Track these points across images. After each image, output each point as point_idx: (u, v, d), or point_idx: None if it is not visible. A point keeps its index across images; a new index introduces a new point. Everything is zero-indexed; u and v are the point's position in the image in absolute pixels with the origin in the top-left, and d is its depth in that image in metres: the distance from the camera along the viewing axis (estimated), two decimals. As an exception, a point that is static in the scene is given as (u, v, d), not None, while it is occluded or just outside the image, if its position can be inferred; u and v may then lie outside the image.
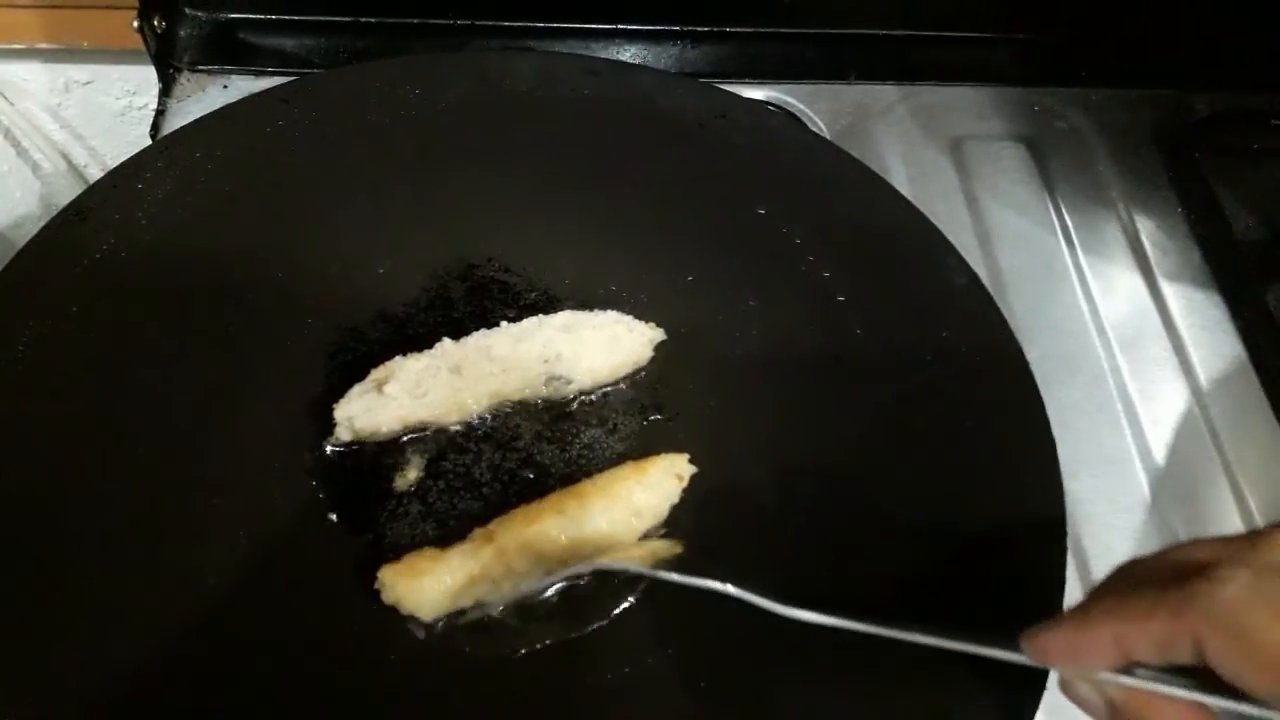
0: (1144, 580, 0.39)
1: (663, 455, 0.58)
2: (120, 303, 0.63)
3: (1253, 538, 0.38)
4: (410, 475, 0.59)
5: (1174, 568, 0.38)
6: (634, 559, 0.52)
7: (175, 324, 0.63)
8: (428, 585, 0.52)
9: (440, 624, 0.53)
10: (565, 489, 0.57)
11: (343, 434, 0.59)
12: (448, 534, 0.56)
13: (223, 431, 0.59)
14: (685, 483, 0.57)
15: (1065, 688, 0.42)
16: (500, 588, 0.53)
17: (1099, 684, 0.40)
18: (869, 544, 0.56)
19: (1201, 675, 0.37)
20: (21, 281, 0.62)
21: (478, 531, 0.55)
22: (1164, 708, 0.38)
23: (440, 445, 0.60)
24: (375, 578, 0.53)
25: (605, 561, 0.53)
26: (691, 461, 0.58)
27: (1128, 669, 0.39)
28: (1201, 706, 0.38)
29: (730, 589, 0.48)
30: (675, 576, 0.50)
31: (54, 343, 0.60)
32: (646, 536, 0.56)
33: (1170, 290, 0.79)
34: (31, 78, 1.04)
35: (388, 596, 0.52)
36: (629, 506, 0.55)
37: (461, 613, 0.53)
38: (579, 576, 0.54)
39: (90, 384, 0.60)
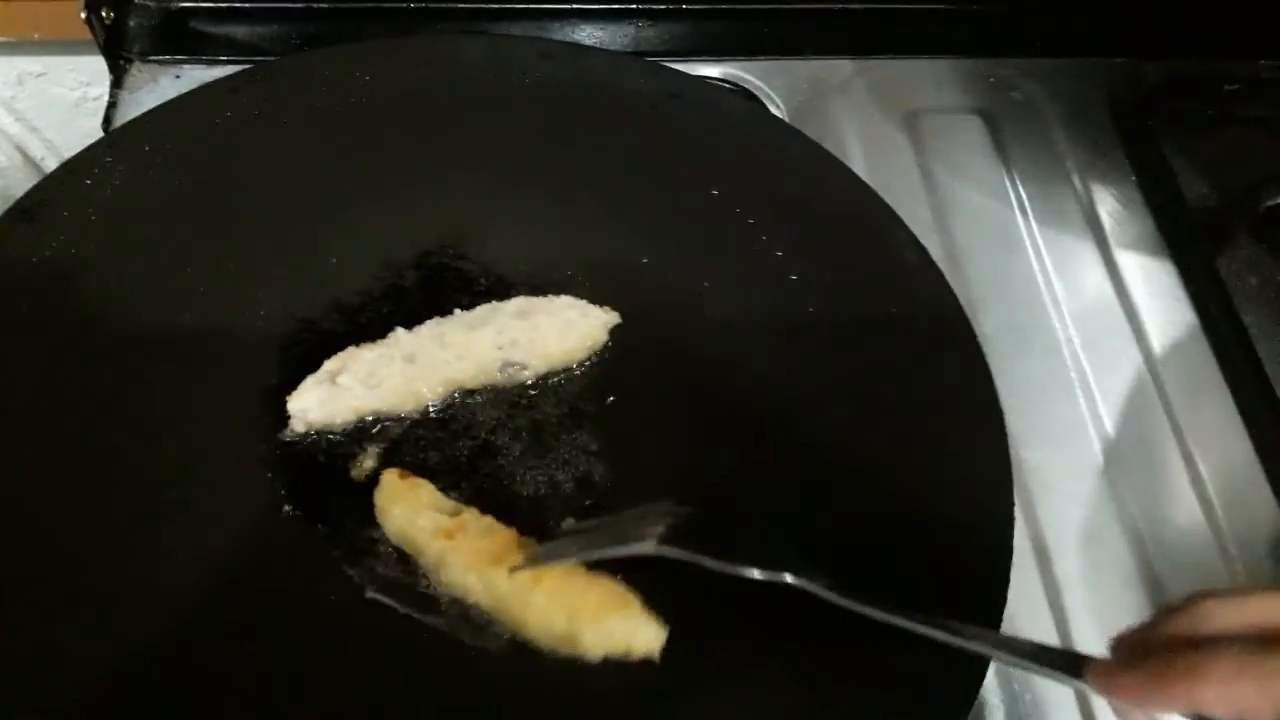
0: (1225, 631, 0.38)
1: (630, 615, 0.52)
2: (72, 300, 0.62)
3: None
4: (366, 465, 0.59)
5: (1265, 617, 0.38)
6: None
7: (127, 319, 0.62)
8: (399, 512, 0.55)
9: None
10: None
11: (297, 425, 0.59)
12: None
13: (177, 425, 0.59)
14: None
15: (1119, 712, 0.42)
16: (436, 574, 0.54)
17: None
18: (822, 516, 0.57)
19: None
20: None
21: (467, 515, 0.55)
22: None
23: (396, 434, 0.60)
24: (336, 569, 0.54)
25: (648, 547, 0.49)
26: (647, 440, 0.58)
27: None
28: None
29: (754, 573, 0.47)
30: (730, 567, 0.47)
31: (5, 343, 0.60)
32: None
33: (1125, 260, 0.80)
34: (-17, 70, 1.03)
35: (379, 493, 0.56)
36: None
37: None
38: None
39: (43, 381, 0.59)
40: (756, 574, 0.47)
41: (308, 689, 0.51)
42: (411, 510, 0.55)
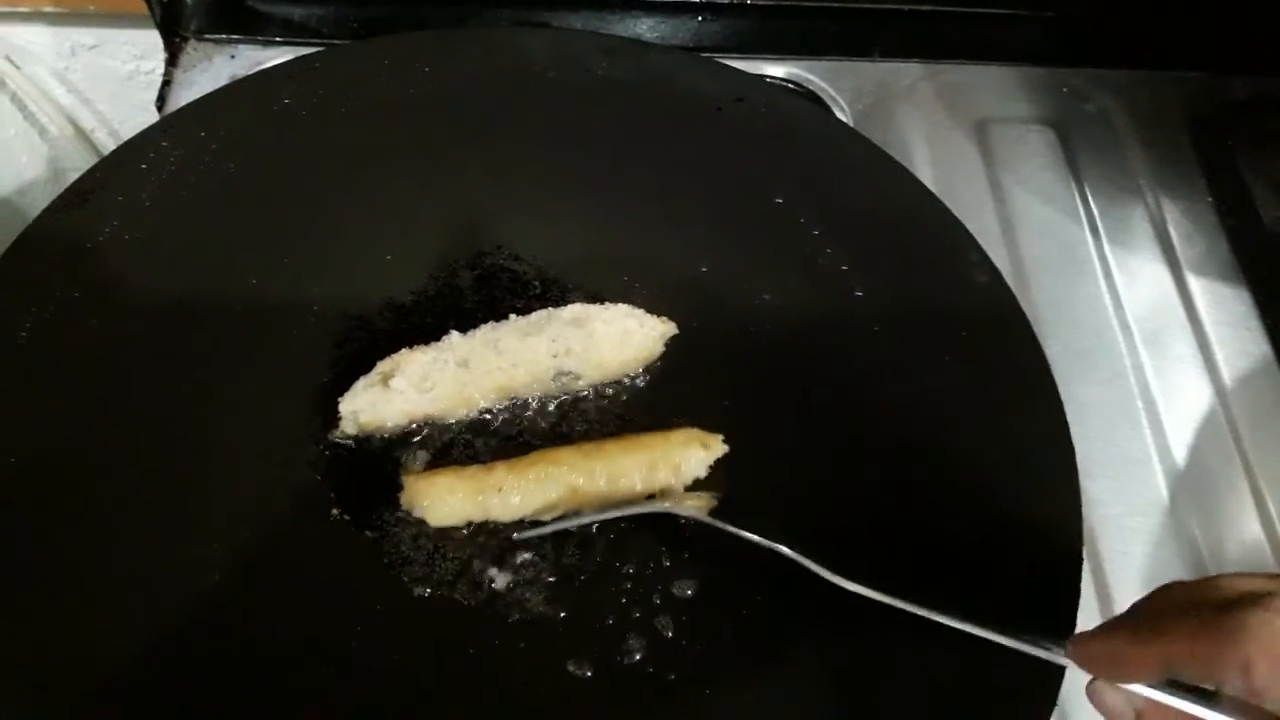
0: (1190, 603, 0.40)
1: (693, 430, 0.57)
2: (123, 287, 0.62)
3: None
4: (415, 470, 0.58)
5: (1221, 594, 0.39)
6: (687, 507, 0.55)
7: (178, 310, 0.62)
8: (439, 494, 0.54)
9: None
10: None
11: (348, 427, 0.58)
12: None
13: (226, 422, 0.58)
14: (709, 450, 0.57)
15: (1094, 694, 0.43)
16: (506, 501, 0.55)
17: (1130, 694, 0.42)
18: (884, 544, 0.55)
19: (1230, 703, 0.39)
20: (24, 266, 0.61)
21: (498, 464, 0.56)
22: None
23: (446, 439, 0.59)
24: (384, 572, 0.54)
25: (664, 505, 0.55)
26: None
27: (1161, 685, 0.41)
28: None
29: (785, 550, 0.51)
30: (732, 529, 0.52)
31: (56, 328, 0.59)
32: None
33: (1196, 284, 0.77)
34: (38, 41, 1.02)
35: (405, 496, 0.55)
36: (648, 453, 0.56)
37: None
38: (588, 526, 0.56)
39: (92, 371, 0.59)
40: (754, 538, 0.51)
41: (350, 691, 0.51)
42: (449, 489, 0.55)
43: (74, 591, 0.52)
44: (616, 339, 0.61)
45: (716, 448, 0.57)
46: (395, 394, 0.58)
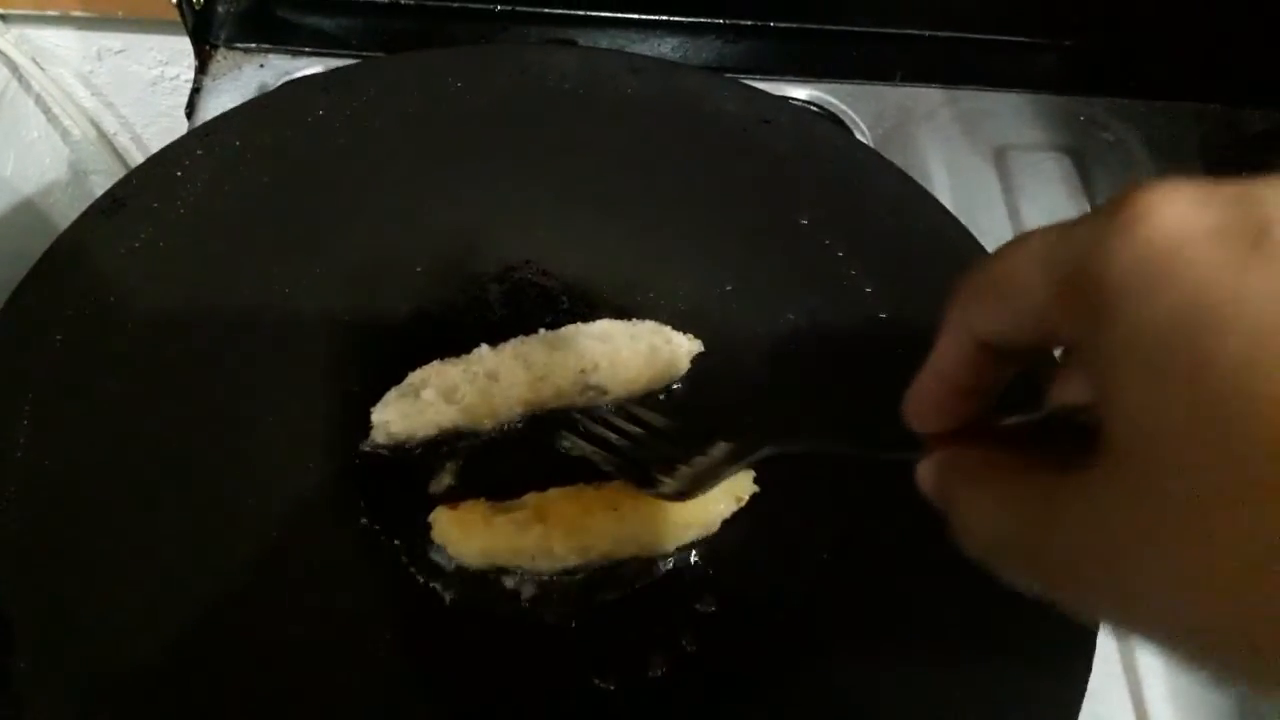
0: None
1: None
2: (156, 294, 0.62)
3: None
4: (444, 481, 0.59)
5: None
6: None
7: (211, 317, 0.62)
8: (474, 538, 0.55)
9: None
10: (624, 484, 0.57)
11: (378, 436, 0.59)
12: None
13: (256, 430, 0.59)
14: (744, 503, 0.57)
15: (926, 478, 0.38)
16: (536, 563, 0.55)
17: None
18: (910, 570, 0.55)
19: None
20: (58, 272, 0.61)
21: (530, 500, 0.57)
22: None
23: (474, 450, 0.60)
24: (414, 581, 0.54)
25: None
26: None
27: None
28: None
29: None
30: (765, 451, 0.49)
31: (90, 334, 0.60)
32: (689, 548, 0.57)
33: (1211, 313, 0.78)
34: (65, 44, 1.03)
35: (437, 534, 0.56)
36: (680, 517, 0.56)
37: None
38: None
39: (124, 377, 0.59)
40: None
41: (384, 696, 0.52)
42: (484, 526, 0.55)
43: (102, 596, 0.52)
44: (645, 356, 0.62)
45: (747, 493, 0.58)
46: (426, 405, 0.59)
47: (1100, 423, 0.26)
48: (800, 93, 0.87)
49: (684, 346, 0.63)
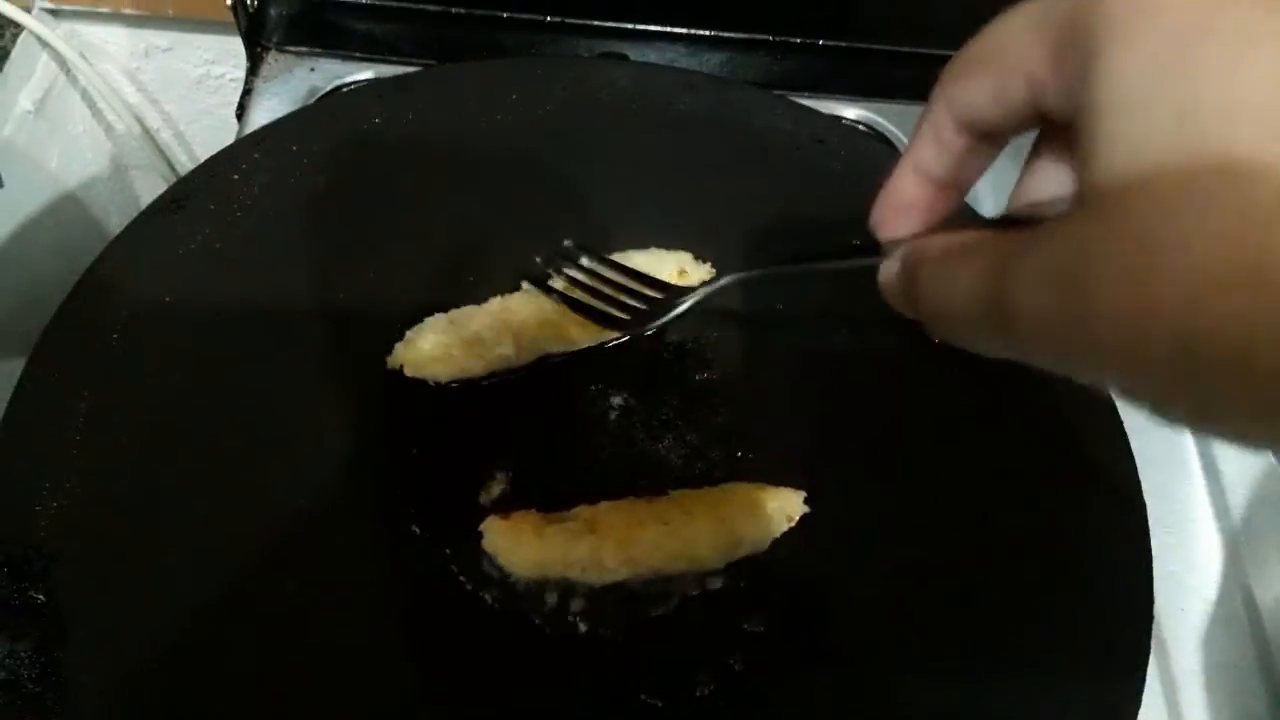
0: None
1: (779, 489, 0.58)
2: (214, 295, 0.63)
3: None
4: (495, 490, 0.59)
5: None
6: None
7: (266, 318, 0.63)
8: (525, 547, 0.55)
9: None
10: (675, 497, 0.57)
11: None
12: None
13: (307, 436, 0.59)
14: (794, 523, 0.57)
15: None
16: (586, 575, 0.55)
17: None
18: (964, 600, 0.56)
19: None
20: (116, 269, 0.62)
21: (581, 512, 0.57)
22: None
23: (525, 460, 0.60)
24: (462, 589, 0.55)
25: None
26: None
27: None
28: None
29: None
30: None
31: (146, 333, 0.61)
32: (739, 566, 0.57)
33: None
34: (113, 40, 1.04)
35: (487, 543, 0.56)
36: (732, 533, 0.56)
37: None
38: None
39: (180, 377, 0.60)
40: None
41: (428, 705, 0.52)
42: (535, 536, 0.56)
43: (160, 586, 0.53)
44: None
45: (798, 513, 0.58)
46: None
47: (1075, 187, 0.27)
48: (849, 112, 0.87)
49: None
